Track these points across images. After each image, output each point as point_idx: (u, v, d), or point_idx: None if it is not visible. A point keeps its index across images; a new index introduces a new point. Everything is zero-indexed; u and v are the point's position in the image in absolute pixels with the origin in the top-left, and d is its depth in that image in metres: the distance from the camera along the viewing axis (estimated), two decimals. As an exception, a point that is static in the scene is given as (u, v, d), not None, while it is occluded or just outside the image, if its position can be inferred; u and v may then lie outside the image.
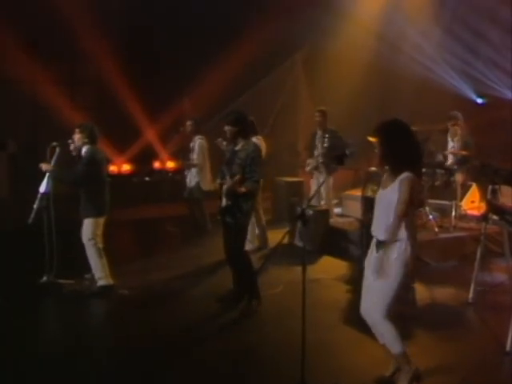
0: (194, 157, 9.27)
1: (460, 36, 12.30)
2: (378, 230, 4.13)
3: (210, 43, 12.37)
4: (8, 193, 11.55)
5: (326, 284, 6.91)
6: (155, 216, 11.01)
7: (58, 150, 6.56)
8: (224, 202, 5.84)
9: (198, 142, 9.28)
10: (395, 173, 4.05)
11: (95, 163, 6.44)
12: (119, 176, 12.37)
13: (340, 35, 12.64)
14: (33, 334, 5.50)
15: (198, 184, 9.28)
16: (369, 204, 6.83)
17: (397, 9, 12.53)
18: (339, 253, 8.07)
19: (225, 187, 5.78)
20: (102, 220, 6.58)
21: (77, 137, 6.55)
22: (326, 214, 8.54)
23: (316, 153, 9.33)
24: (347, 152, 4.24)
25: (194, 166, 9.27)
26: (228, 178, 5.75)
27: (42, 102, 11.60)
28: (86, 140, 6.52)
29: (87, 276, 6.89)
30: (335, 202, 10.13)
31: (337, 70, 12.82)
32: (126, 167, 12.76)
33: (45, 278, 6.60)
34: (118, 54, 11.89)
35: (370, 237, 6.90)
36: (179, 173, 13.02)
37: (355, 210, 8.98)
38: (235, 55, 12.00)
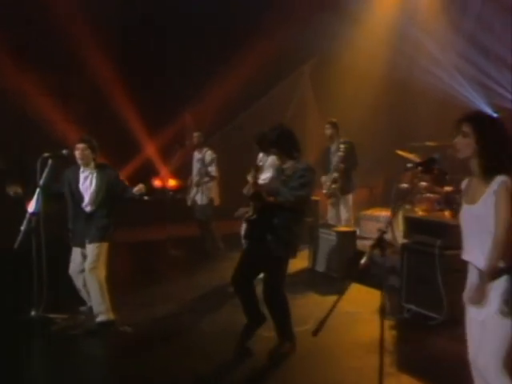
0: (211, 169, 8.38)
1: (480, 46, 11.51)
2: (474, 256, 3.17)
3: (213, 54, 11.70)
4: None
5: (362, 319, 5.91)
6: (156, 238, 10.03)
7: (50, 161, 5.61)
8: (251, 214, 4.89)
9: (208, 153, 8.48)
10: (488, 175, 3.11)
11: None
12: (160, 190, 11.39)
13: (352, 45, 11.86)
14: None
15: (210, 202, 8.41)
16: (413, 225, 5.94)
17: (412, 19, 11.78)
18: (370, 281, 7.08)
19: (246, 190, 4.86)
20: (106, 246, 5.63)
21: (86, 153, 5.62)
22: (352, 235, 7.60)
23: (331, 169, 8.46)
24: (436, 157, 3.27)
25: (213, 178, 8.39)
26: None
27: (32, 114, 10.69)
28: (94, 156, 5.65)
29: (82, 309, 5.92)
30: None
31: (348, 82, 11.99)
32: (172, 182, 11.79)
33: (32, 313, 5.57)
34: (114, 64, 10.97)
35: (412, 263, 6.09)
36: (180, 191, 12.13)
37: (375, 231, 8.14)
38: (239, 67, 11.21)
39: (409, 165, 7.77)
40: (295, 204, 4.78)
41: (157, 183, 12.15)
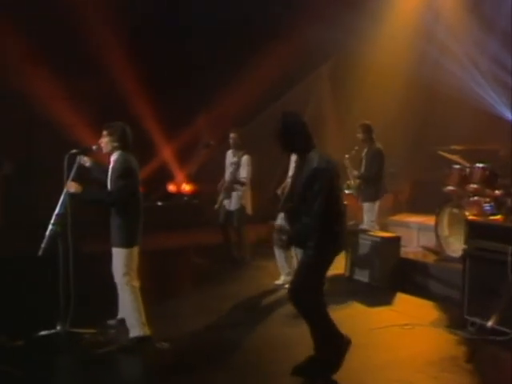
0: (243, 175, 7.87)
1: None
2: None
3: (228, 54, 11.16)
4: (1, 218, 9.95)
5: (419, 332, 5.34)
6: (173, 246, 9.49)
7: (78, 159, 5.06)
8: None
9: (245, 158, 7.90)
10: None
11: (132, 175, 4.98)
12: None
13: (373, 45, 11.38)
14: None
15: (242, 208, 7.86)
16: (477, 230, 5.40)
17: (438, 18, 11.31)
18: (417, 290, 6.56)
19: None
20: (136, 249, 5.06)
21: (104, 141, 5.07)
22: (396, 242, 7.03)
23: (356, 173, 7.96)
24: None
25: (243, 183, 7.85)
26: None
27: (41, 117, 10.16)
28: (116, 144, 5.05)
29: (111, 323, 5.35)
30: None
31: (368, 83, 11.49)
32: (187, 187, 11.38)
33: (58, 327, 4.99)
34: (128, 65, 10.48)
35: (477, 272, 5.54)
36: (196, 196, 11.58)
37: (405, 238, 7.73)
38: (257, 69, 10.72)
39: (456, 166, 7.32)
40: None
41: (171, 188, 11.65)
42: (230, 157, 8.25)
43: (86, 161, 5.14)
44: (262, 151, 10.39)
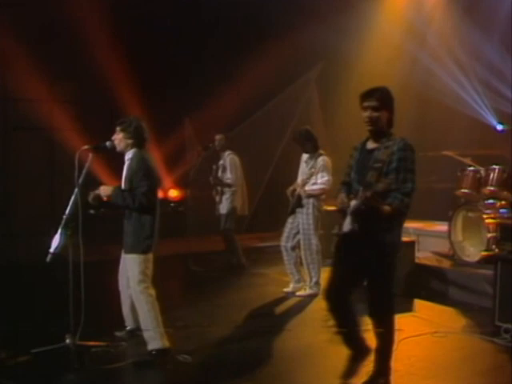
0: (228, 175, 7.62)
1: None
2: None
3: (216, 58, 10.84)
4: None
5: (457, 340, 5.05)
6: (166, 253, 9.01)
7: (91, 155, 4.64)
8: (349, 225, 3.95)
9: (229, 158, 7.61)
10: None
11: (152, 174, 4.60)
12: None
13: (362, 51, 11.26)
14: None
15: (232, 210, 7.58)
16: (506, 233, 5.18)
17: (430, 26, 11.24)
18: (435, 297, 6.30)
19: (353, 203, 3.91)
20: (151, 255, 4.67)
21: (118, 137, 4.68)
22: (411, 247, 6.76)
23: None
24: None
25: (229, 186, 7.58)
26: (361, 190, 3.90)
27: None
28: (131, 141, 4.66)
29: (119, 334, 4.94)
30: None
31: (356, 88, 11.26)
32: (174, 193, 10.94)
33: (67, 341, 4.51)
34: (113, 67, 10.03)
35: (508, 276, 5.31)
36: (183, 203, 11.17)
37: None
38: (246, 73, 10.38)
39: (470, 168, 7.10)
40: None
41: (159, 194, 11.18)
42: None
43: None
44: (251, 154, 10.20)
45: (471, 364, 4.47)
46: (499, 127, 12.71)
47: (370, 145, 4.04)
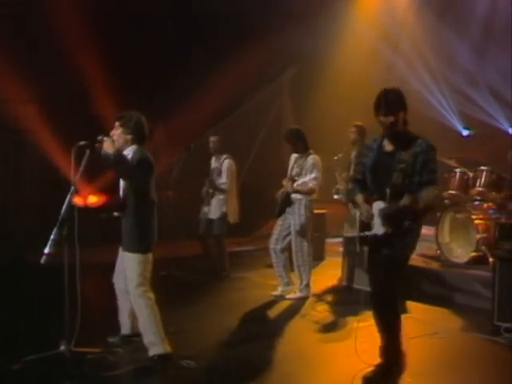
0: (223, 180, 7.34)
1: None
2: None
3: (189, 62, 10.66)
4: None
5: (459, 340, 5.04)
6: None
7: (87, 152, 4.42)
8: (382, 228, 3.89)
9: (226, 162, 7.38)
10: None
11: (150, 169, 4.41)
12: (84, 210, 9.93)
13: (335, 54, 11.28)
14: None
15: (224, 215, 7.34)
16: (505, 232, 5.18)
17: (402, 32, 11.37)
18: (426, 298, 6.27)
19: (380, 207, 3.87)
20: (151, 256, 4.48)
21: (117, 133, 4.48)
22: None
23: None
24: None
25: (222, 190, 7.33)
26: (388, 191, 3.86)
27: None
28: (130, 137, 4.47)
29: (112, 340, 4.73)
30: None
31: (333, 95, 11.27)
32: (93, 199, 10.37)
33: (62, 347, 4.28)
34: (85, 67, 9.77)
35: (507, 275, 5.31)
36: (105, 210, 10.81)
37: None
38: (219, 77, 10.23)
39: (458, 170, 7.12)
40: None
41: (77, 201, 10.73)
42: (212, 162, 7.77)
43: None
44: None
45: (480, 363, 4.46)
46: (465, 133, 12.94)
47: (388, 146, 4.02)
